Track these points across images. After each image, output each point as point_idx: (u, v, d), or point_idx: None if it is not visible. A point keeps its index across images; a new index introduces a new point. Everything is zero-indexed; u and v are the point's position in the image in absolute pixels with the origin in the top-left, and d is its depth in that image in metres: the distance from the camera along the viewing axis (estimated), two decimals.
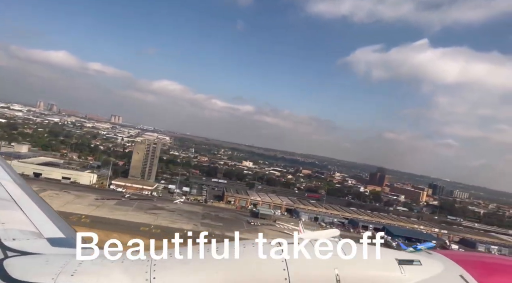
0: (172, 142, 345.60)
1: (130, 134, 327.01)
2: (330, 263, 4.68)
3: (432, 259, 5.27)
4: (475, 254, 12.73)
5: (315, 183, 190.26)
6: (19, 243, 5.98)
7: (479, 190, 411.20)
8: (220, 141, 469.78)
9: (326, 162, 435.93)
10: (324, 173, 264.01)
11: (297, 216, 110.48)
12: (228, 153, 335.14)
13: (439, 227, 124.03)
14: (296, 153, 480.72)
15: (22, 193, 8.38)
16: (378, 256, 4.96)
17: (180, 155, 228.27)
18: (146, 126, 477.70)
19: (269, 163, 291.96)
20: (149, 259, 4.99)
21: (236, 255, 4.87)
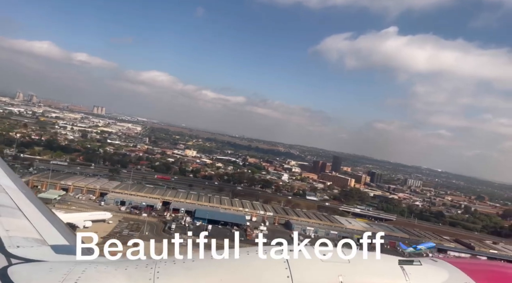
0: (141, 131, 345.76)
1: (95, 124, 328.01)
2: (334, 269, 4.70)
3: (437, 267, 5.27)
4: (480, 262, 12.57)
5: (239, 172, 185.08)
6: (23, 250, 6.06)
7: (468, 180, 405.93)
8: (206, 132, 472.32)
9: (307, 152, 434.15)
10: (273, 161, 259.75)
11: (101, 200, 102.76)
12: (198, 143, 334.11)
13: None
14: (284, 143, 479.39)
15: (26, 200, 8.49)
16: (383, 263, 5.03)
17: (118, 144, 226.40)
18: (126, 117, 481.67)
19: (235, 153, 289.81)
20: (152, 267, 5.06)
21: (240, 262, 4.95)
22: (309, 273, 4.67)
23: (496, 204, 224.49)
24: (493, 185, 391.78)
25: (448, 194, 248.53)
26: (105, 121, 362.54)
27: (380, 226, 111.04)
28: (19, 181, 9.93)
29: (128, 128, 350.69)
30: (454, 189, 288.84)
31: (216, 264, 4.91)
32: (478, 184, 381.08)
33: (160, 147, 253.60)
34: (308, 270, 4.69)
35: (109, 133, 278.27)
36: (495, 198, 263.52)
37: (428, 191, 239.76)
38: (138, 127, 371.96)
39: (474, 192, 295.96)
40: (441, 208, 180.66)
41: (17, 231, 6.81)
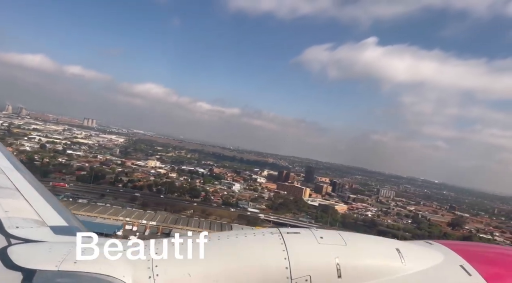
0: (122, 143, 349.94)
1: (74, 136, 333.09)
2: (330, 252, 4.73)
3: (433, 249, 5.34)
4: (475, 244, 13.03)
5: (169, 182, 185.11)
6: (23, 231, 6.09)
7: (461, 191, 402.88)
8: (198, 143, 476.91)
9: (298, 163, 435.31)
10: (241, 172, 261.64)
11: None
12: (180, 154, 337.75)
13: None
14: (278, 154, 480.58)
15: (25, 181, 8.63)
16: (379, 246, 5.10)
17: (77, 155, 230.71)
18: (120, 129, 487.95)
19: (210, 164, 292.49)
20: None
21: (238, 244, 5.00)
22: (306, 255, 4.73)
23: (465, 214, 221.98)
24: (485, 195, 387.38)
25: (421, 204, 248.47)
26: (87, 133, 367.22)
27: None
28: (17, 162, 9.88)
29: (110, 140, 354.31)
30: (435, 200, 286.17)
31: (214, 246, 4.98)
32: (469, 195, 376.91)
33: (128, 158, 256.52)
34: (305, 252, 4.74)
35: (81, 144, 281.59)
36: (477, 208, 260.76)
37: (397, 201, 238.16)
38: (121, 139, 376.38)
39: (458, 202, 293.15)
40: (392, 218, 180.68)
41: (16, 212, 6.80)
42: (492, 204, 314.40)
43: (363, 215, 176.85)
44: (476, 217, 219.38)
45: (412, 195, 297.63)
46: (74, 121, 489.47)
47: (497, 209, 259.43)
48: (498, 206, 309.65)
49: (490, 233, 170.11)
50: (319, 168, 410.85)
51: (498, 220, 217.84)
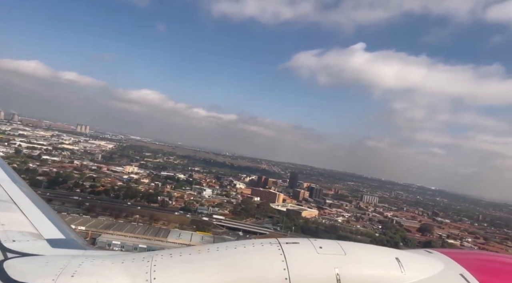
0: (110, 149, 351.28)
1: (60, 141, 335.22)
2: (330, 262, 4.77)
3: (432, 258, 5.41)
4: (475, 252, 12.94)
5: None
6: (19, 244, 6.12)
7: (455, 197, 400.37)
8: (191, 149, 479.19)
9: (292, 169, 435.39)
10: (222, 178, 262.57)
11: None
12: (168, 160, 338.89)
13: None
14: (274, 161, 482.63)
15: (22, 193, 8.63)
16: (378, 255, 5.14)
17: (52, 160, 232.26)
18: (107, 135, 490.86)
19: (196, 170, 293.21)
20: (149, 260, 5.12)
21: (237, 254, 5.02)
22: (306, 265, 4.73)
23: (446, 220, 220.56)
24: (479, 202, 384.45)
25: (404, 210, 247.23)
26: (76, 139, 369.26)
27: (223, 238, 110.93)
28: (13, 174, 9.84)
29: (98, 146, 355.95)
30: (423, 206, 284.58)
31: (213, 257, 5.00)
32: (463, 201, 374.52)
33: (109, 164, 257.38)
34: (304, 263, 4.75)
35: (64, 150, 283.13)
36: (463, 214, 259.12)
37: (379, 207, 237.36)
38: (111, 145, 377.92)
39: (448, 208, 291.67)
40: (363, 223, 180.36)
41: (12, 225, 6.80)
42: (484, 211, 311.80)
43: (333, 220, 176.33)
44: (457, 223, 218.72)
45: (400, 201, 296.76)
46: (67, 127, 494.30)
47: (482, 215, 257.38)
48: (490, 212, 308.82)
49: (460, 239, 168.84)
50: (312, 174, 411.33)
51: (479, 226, 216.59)
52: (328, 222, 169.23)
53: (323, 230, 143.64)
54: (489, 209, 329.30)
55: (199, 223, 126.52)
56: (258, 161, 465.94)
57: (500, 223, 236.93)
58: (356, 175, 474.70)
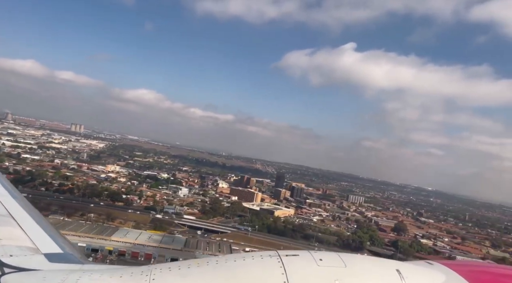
0: (101, 149, 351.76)
1: (49, 141, 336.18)
2: (330, 274, 4.75)
3: (434, 270, 5.41)
4: (477, 264, 12.95)
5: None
6: (17, 259, 6.12)
7: (448, 198, 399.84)
8: (186, 149, 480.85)
9: (285, 169, 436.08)
10: (205, 177, 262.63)
11: None
12: (158, 160, 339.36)
13: None
14: (271, 161, 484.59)
15: (19, 207, 8.65)
16: (379, 267, 5.14)
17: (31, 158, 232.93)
18: (102, 135, 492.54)
19: (183, 170, 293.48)
20: (148, 274, 5.10)
21: (236, 267, 5.01)
22: (306, 278, 4.70)
23: (429, 220, 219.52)
24: (475, 203, 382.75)
25: (389, 210, 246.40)
26: (67, 139, 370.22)
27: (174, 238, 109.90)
28: (11, 188, 9.93)
29: (89, 145, 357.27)
30: (412, 206, 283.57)
31: (212, 270, 4.98)
32: (457, 202, 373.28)
33: (93, 163, 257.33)
34: (304, 275, 4.72)
35: (50, 149, 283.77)
36: (451, 215, 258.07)
37: (364, 207, 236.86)
38: (102, 145, 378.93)
39: (438, 209, 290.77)
40: (337, 222, 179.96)
41: (10, 240, 6.83)
42: (477, 211, 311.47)
43: (307, 220, 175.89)
44: (440, 223, 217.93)
45: (389, 202, 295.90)
46: (62, 126, 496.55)
47: (471, 215, 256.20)
48: (483, 213, 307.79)
49: (434, 238, 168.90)
50: (306, 174, 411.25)
51: (463, 226, 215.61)
52: (301, 221, 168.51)
53: (290, 229, 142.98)
54: (482, 210, 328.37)
55: (160, 222, 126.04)
56: (254, 161, 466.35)
57: (486, 223, 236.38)
58: (352, 175, 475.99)
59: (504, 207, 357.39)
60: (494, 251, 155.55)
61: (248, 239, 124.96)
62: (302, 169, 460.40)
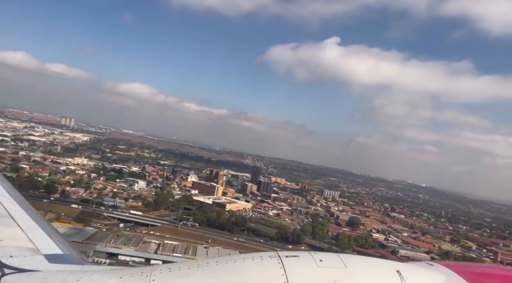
0: (83, 141, 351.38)
1: (29, 133, 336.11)
2: (330, 275, 4.78)
3: (433, 271, 5.46)
4: (476, 265, 13.20)
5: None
6: (17, 260, 6.18)
7: (437, 194, 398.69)
8: (177, 143, 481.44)
9: (276, 164, 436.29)
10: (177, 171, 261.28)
11: None
12: (140, 153, 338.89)
13: None
14: (263, 156, 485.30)
15: (20, 209, 8.72)
16: (379, 268, 5.18)
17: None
18: (92, 128, 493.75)
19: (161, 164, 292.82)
20: (148, 274, 5.13)
21: (236, 268, 5.05)
22: (306, 279, 4.72)
23: (400, 215, 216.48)
24: (464, 200, 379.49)
25: (365, 205, 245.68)
26: (50, 131, 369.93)
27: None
28: (11, 188, 10.05)
29: (72, 138, 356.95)
30: (392, 202, 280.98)
31: (212, 271, 5.01)
32: (446, 198, 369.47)
33: (66, 156, 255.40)
34: (304, 276, 4.74)
35: (24, 141, 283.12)
36: (429, 210, 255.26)
37: (333, 202, 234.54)
38: (86, 138, 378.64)
39: (421, 205, 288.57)
40: (291, 216, 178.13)
41: (10, 240, 6.87)
42: (464, 208, 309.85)
43: (262, 214, 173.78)
44: (411, 218, 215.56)
45: (370, 197, 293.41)
46: (52, 119, 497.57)
47: (445, 212, 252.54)
48: (470, 209, 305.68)
49: (388, 232, 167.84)
50: (296, 169, 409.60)
51: (432, 222, 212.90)
52: (252, 215, 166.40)
53: (233, 222, 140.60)
54: (469, 206, 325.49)
55: (87, 215, 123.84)
56: (245, 155, 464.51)
57: (462, 219, 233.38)
58: (345, 171, 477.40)
59: (493, 204, 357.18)
60: (446, 246, 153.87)
61: (176, 232, 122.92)
62: (294, 164, 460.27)
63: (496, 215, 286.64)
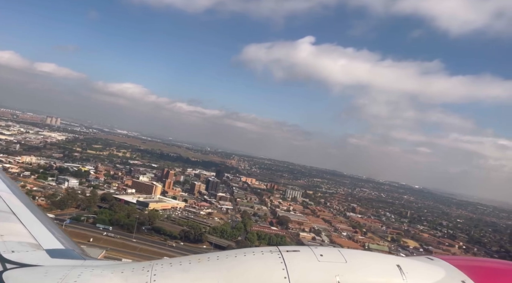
0: (57, 141, 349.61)
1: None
2: (331, 270, 4.76)
3: (434, 265, 5.39)
4: (476, 259, 12.73)
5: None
6: (18, 255, 6.19)
7: (424, 195, 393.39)
8: (164, 144, 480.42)
9: (261, 165, 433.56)
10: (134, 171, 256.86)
11: None
12: (115, 153, 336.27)
13: None
14: (253, 156, 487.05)
15: (21, 204, 8.79)
16: (380, 262, 5.12)
17: None
18: (76, 127, 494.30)
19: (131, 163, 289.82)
20: (149, 269, 5.12)
21: (237, 263, 5.01)
22: (306, 273, 4.70)
23: (358, 215, 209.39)
24: (452, 201, 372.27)
25: (327, 205, 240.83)
26: (24, 130, 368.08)
27: None
28: (13, 184, 10.14)
29: (46, 137, 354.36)
30: (365, 203, 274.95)
31: (213, 266, 4.97)
32: (433, 200, 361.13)
33: (23, 154, 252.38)
34: (305, 271, 4.72)
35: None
36: (397, 212, 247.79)
37: (288, 202, 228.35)
38: (62, 137, 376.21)
39: (394, 206, 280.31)
40: (223, 215, 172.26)
41: (11, 236, 6.86)
42: (447, 209, 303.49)
43: (192, 213, 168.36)
44: (369, 218, 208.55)
45: (342, 197, 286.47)
46: (35, 118, 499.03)
47: (410, 212, 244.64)
48: (453, 210, 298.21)
49: (321, 232, 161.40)
50: (282, 170, 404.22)
51: (386, 221, 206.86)
52: (179, 214, 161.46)
53: (140, 222, 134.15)
54: (452, 207, 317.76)
55: None
56: (232, 156, 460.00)
57: (426, 219, 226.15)
58: (337, 172, 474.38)
59: (480, 205, 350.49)
60: (374, 245, 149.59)
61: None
62: (284, 165, 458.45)
63: (478, 216, 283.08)
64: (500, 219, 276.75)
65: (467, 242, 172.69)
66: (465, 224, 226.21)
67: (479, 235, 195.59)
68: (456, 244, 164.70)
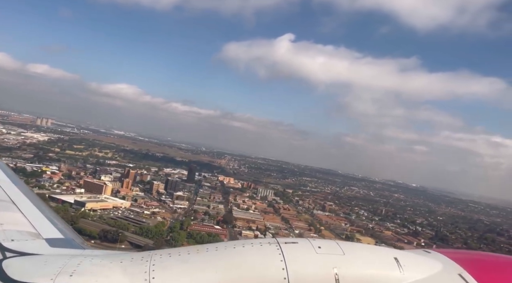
0: (37, 141, 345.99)
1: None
2: (328, 262, 4.81)
3: (431, 258, 5.50)
4: (473, 252, 11.28)
5: None
6: (18, 243, 6.25)
7: (418, 193, 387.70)
8: (157, 144, 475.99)
9: (253, 164, 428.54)
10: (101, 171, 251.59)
11: None
12: (96, 154, 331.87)
13: None
14: (246, 156, 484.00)
15: (20, 193, 8.82)
16: (377, 255, 5.20)
17: None
18: (67, 128, 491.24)
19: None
20: (148, 259, 5.17)
21: (235, 254, 5.08)
22: (304, 265, 4.75)
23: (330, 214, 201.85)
24: (444, 199, 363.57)
25: (298, 204, 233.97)
26: (6, 132, 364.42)
27: None
28: (12, 174, 10.22)
29: (27, 138, 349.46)
30: (350, 202, 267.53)
31: (211, 257, 5.03)
32: (424, 198, 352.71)
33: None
34: (303, 263, 4.77)
35: None
36: (373, 210, 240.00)
37: (257, 201, 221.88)
38: (44, 138, 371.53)
39: (377, 204, 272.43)
40: (168, 213, 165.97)
41: (11, 225, 6.92)
42: (436, 208, 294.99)
43: (135, 212, 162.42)
44: (337, 216, 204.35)
45: (322, 196, 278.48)
46: (25, 120, 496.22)
47: (385, 210, 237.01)
48: (441, 209, 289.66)
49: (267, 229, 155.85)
50: (272, 169, 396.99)
51: (354, 220, 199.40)
52: (117, 214, 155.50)
53: (69, 221, 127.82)
54: (442, 206, 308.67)
55: None
56: (225, 156, 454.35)
57: (406, 217, 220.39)
58: (332, 171, 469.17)
59: (472, 202, 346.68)
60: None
61: None
62: (276, 164, 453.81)
63: (466, 214, 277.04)
64: (489, 217, 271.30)
65: (430, 239, 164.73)
66: (444, 222, 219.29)
67: (451, 232, 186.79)
68: (416, 241, 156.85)
